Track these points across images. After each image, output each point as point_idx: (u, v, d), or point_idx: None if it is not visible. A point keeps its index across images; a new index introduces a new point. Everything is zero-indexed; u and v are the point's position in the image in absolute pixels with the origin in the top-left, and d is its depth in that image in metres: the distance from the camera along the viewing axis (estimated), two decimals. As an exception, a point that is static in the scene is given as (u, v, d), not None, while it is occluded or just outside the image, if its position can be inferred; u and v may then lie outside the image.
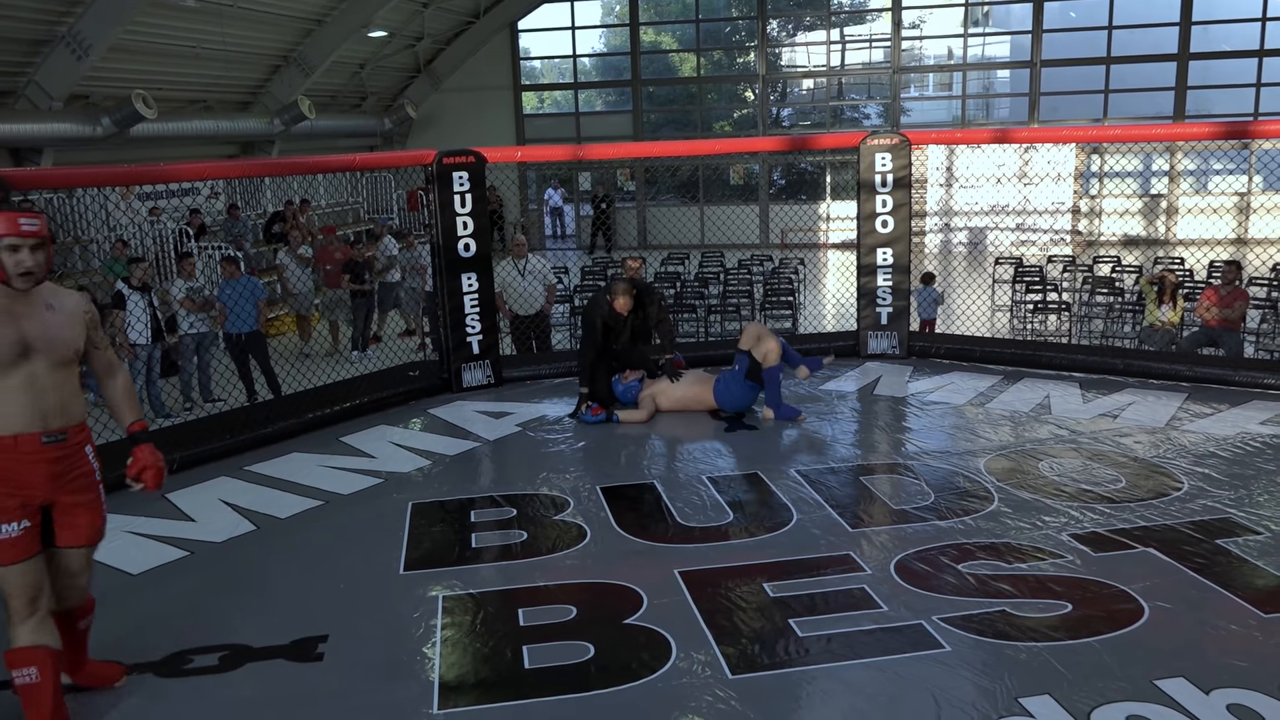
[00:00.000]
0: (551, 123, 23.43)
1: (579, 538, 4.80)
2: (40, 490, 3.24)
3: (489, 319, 7.66)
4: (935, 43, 22.43)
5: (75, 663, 3.60)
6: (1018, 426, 6.36)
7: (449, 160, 7.37)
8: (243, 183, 16.79)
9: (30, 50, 12.76)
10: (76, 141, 13.66)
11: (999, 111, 23.35)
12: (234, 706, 3.49)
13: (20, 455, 3.18)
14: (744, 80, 23.19)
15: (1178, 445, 5.86)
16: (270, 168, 9.99)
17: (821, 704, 3.37)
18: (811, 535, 4.72)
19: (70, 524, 3.35)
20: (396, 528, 5.00)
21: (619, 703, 3.40)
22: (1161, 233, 20.36)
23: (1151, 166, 20.86)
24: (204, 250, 13.48)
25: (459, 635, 3.90)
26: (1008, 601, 3.98)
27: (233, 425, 6.56)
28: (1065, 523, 4.75)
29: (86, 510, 3.38)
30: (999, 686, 3.38)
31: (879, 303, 8.10)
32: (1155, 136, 16.89)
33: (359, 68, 20.03)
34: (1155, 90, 20.33)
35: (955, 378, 7.55)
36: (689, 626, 3.87)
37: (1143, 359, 7.78)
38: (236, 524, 5.13)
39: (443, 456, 6.15)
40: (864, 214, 8.05)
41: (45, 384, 3.21)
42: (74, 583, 3.46)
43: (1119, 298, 11.21)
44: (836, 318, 12.98)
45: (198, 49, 14.99)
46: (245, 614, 4.16)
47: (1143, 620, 3.81)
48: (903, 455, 5.92)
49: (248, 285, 9.53)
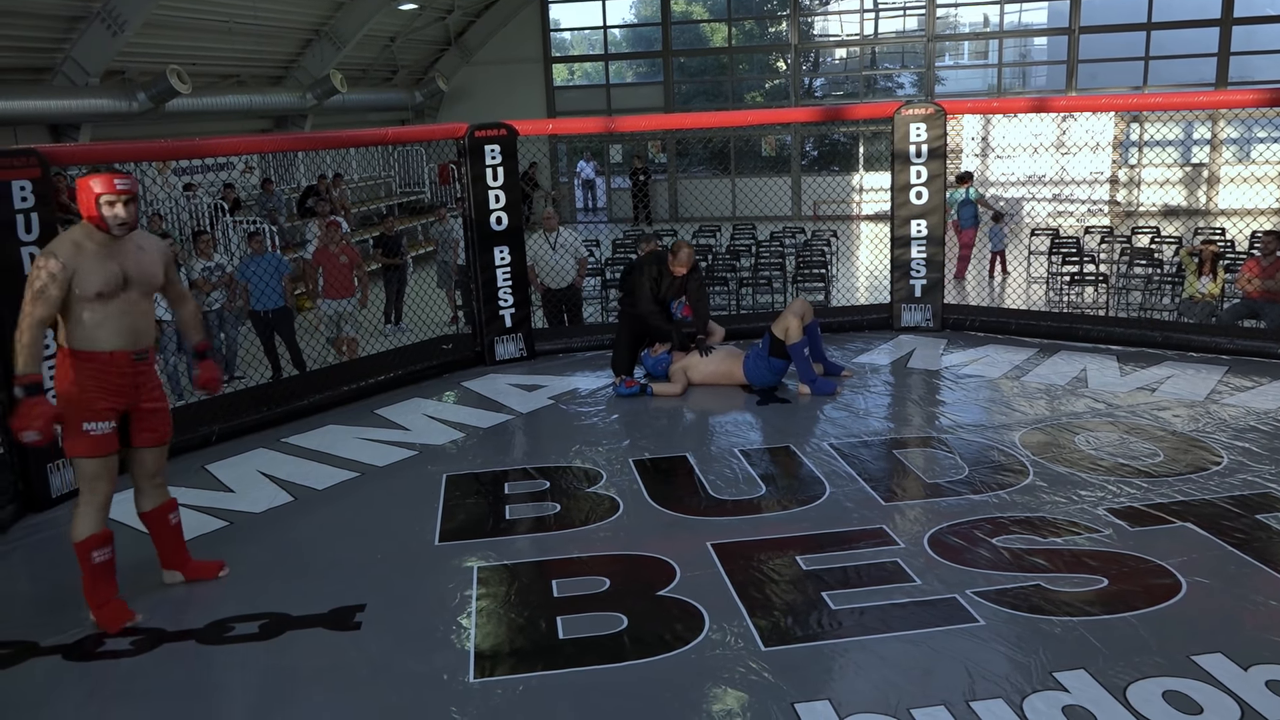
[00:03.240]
0: (582, 95, 23.33)
1: (612, 510, 4.83)
2: (125, 398, 3.93)
3: (521, 292, 7.68)
4: (971, 10, 22.04)
5: (179, 559, 4.26)
6: (1053, 400, 6.30)
7: (481, 133, 7.37)
8: (276, 157, 16.87)
9: (67, 27, 12.87)
10: (113, 117, 13.78)
11: (1036, 80, 22.94)
12: (274, 674, 3.56)
13: (115, 368, 3.88)
14: (776, 50, 22.94)
15: (1217, 419, 5.78)
16: (303, 142, 10.06)
17: (854, 676, 3.38)
18: (844, 508, 4.72)
19: (148, 426, 4.04)
20: (431, 499, 5.06)
21: (652, 674, 3.43)
22: (1202, 203, 19.98)
23: (1193, 135, 20.44)
24: (238, 225, 13.61)
25: (494, 605, 3.94)
26: (1042, 576, 3.96)
27: (269, 398, 6.64)
28: (1101, 497, 4.71)
29: (161, 415, 4.10)
30: (1033, 660, 3.37)
31: (913, 275, 8.03)
32: (1197, 105, 16.54)
33: (390, 41, 20.02)
34: (1197, 56, 19.87)
35: (990, 351, 7.48)
36: (721, 598, 3.89)
37: (1182, 331, 7.66)
38: (275, 495, 5.21)
39: (476, 429, 6.20)
40: (897, 185, 7.96)
41: (136, 311, 3.93)
42: (154, 481, 4.15)
43: (1158, 269, 11.03)
44: (870, 290, 12.87)
45: (230, 24, 15.05)
46: (284, 583, 4.23)
47: (1180, 595, 3.78)
48: (936, 429, 5.89)
49: (273, 261, 9.54)
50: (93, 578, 3.88)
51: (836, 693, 3.26)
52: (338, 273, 9.74)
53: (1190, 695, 3.15)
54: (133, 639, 3.80)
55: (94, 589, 3.88)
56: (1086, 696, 3.16)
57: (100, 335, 3.84)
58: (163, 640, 3.79)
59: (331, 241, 9.87)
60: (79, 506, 3.89)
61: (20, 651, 3.74)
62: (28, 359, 3.73)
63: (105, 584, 3.91)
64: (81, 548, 3.85)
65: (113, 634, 3.84)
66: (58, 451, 5.07)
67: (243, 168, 16.47)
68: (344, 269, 9.74)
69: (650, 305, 6.83)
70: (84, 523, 3.86)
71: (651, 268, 6.83)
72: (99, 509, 3.89)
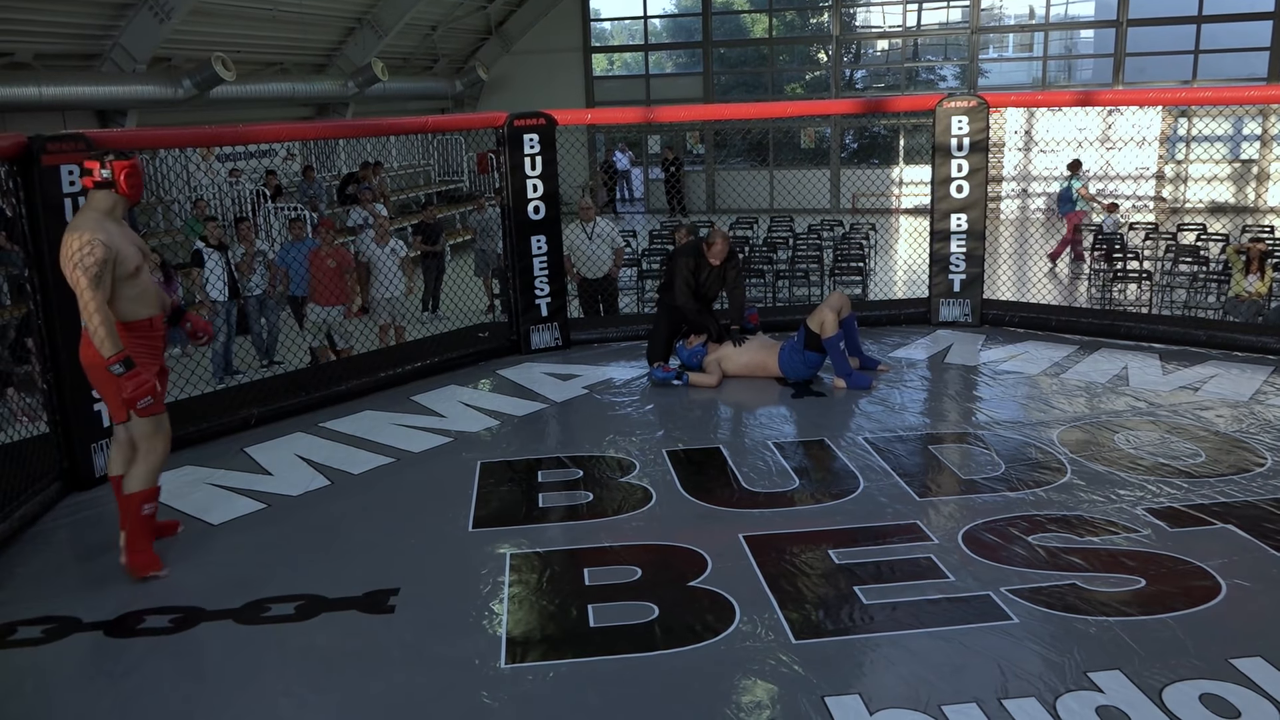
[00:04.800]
0: (621, 85, 23.31)
1: (644, 500, 4.84)
2: (159, 359, 4.34)
3: (558, 282, 7.71)
4: (1016, 1, 21.75)
5: None
6: (1093, 398, 6.22)
7: (520, 122, 7.39)
8: (317, 144, 17.04)
9: (115, 14, 13.07)
10: (159, 103, 13.98)
11: (1081, 73, 22.59)
12: (309, 654, 3.61)
13: (155, 332, 4.25)
14: (817, 41, 22.78)
15: (1262, 420, 5.67)
16: (344, 129, 10.15)
17: (885, 671, 3.36)
18: (878, 503, 4.69)
19: (163, 385, 4.36)
20: (465, 486, 5.09)
21: (683, 663, 3.43)
22: (1251, 200, 19.59)
23: (1243, 130, 20.03)
24: (280, 211, 13.76)
25: (526, 592, 3.97)
26: (1078, 575, 3.91)
27: (307, 383, 6.72)
28: (1140, 497, 4.65)
29: (167, 374, 4.51)
30: (1067, 660, 3.34)
31: (952, 269, 7.95)
32: (1248, 99, 16.10)
33: (431, 30, 20.12)
34: (1248, 50, 19.45)
35: (1029, 347, 7.40)
36: (753, 590, 3.88)
37: (1227, 330, 7.52)
38: (311, 478, 5.27)
39: (511, 417, 6.23)
40: (938, 179, 7.88)
41: (150, 278, 4.25)
42: None
43: (1204, 267, 10.84)
44: (907, 284, 12.77)
45: (275, 12, 15.20)
46: (320, 565, 4.28)
47: (1220, 598, 3.73)
48: (973, 425, 5.83)
49: (312, 246, 9.62)
50: (139, 527, 4.17)
51: (867, 687, 3.25)
52: (326, 277, 9.15)
53: (1228, 699, 3.10)
54: (172, 617, 3.87)
55: (136, 538, 4.17)
56: (1121, 698, 3.13)
57: (141, 306, 4.15)
58: (201, 619, 3.85)
59: (323, 244, 9.30)
60: (137, 464, 4.18)
61: (63, 627, 3.82)
62: (113, 338, 3.98)
63: (146, 535, 4.21)
64: (133, 499, 4.15)
65: (138, 579, 4.14)
66: (102, 431, 5.17)
67: (284, 155, 16.65)
68: (333, 274, 9.19)
69: (687, 298, 6.82)
70: (140, 479, 4.16)
71: (689, 259, 6.82)
72: (154, 467, 4.21)
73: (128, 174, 4.10)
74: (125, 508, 4.20)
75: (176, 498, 4.84)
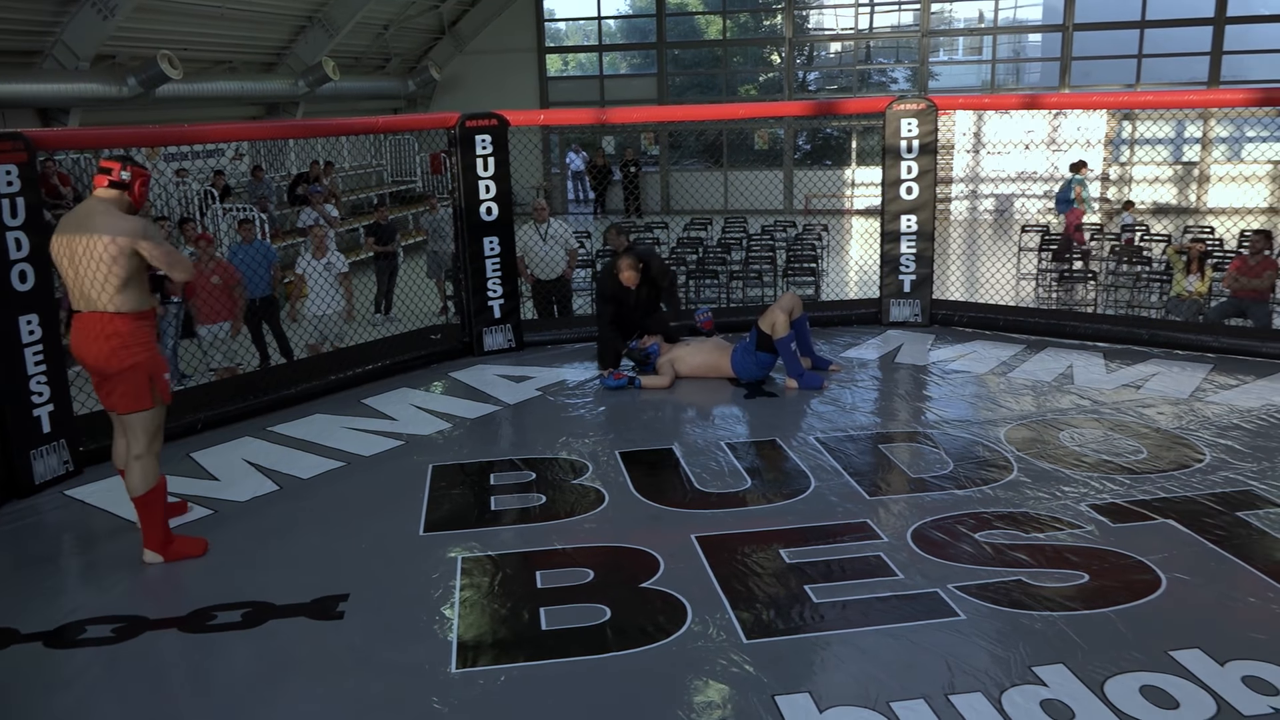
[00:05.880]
0: (575, 85, 23.26)
1: (597, 502, 4.84)
2: None
3: (510, 283, 7.68)
4: (965, 5, 22.05)
5: None
6: (1039, 396, 6.32)
7: (472, 123, 7.35)
8: (267, 144, 16.81)
9: (57, 10, 12.78)
10: (103, 102, 13.70)
11: (1029, 76, 22.97)
12: (256, 662, 3.56)
13: (153, 321, 4.42)
14: (770, 43, 22.92)
15: (1201, 417, 5.81)
16: (294, 130, 9.99)
17: (835, 669, 3.39)
18: (829, 502, 4.73)
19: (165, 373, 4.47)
20: (417, 489, 5.06)
21: (634, 665, 3.44)
22: (1193, 201, 20.04)
23: (1184, 133, 20.49)
24: (228, 212, 13.55)
25: (477, 596, 3.95)
26: (1024, 571, 3.98)
27: (256, 387, 6.63)
28: (1084, 493, 4.74)
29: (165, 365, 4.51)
30: (1013, 655, 3.39)
31: (902, 270, 8.04)
32: (1189, 103, 16.49)
33: (383, 29, 19.94)
34: (1190, 55, 19.91)
35: (978, 346, 7.50)
36: (705, 591, 3.90)
37: (1169, 329, 7.69)
38: (260, 484, 5.20)
39: (463, 419, 6.19)
40: (888, 180, 7.97)
41: None
42: None
43: (1146, 267, 11.07)
44: (860, 285, 12.90)
45: (222, 9, 14.96)
46: (268, 572, 4.23)
47: (1160, 591, 3.81)
48: (922, 424, 5.90)
49: (262, 249, 9.47)
50: (160, 521, 4.31)
51: (817, 686, 3.28)
52: (209, 295, 8.44)
53: (1167, 690, 3.17)
54: (114, 626, 3.80)
55: (160, 532, 4.30)
56: (1065, 691, 3.18)
57: (148, 297, 4.36)
58: (145, 628, 3.78)
59: (204, 259, 8.53)
60: (143, 459, 4.25)
61: (0, 638, 3.73)
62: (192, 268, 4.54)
63: (166, 525, 4.36)
64: (151, 496, 4.27)
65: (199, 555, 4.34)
66: (40, 437, 5.06)
67: (233, 155, 16.41)
68: (216, 291, 8.52)
69: (605, 327, 7.00)
70: (150, 474, 4.27)
71: (614, 281, 6.93)
72: (157, 459, 4.34)
73: (143, 182, 4.34)
74: (141, 510, 4.29)
75: (119, 504, 4.74)
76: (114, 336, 4.18)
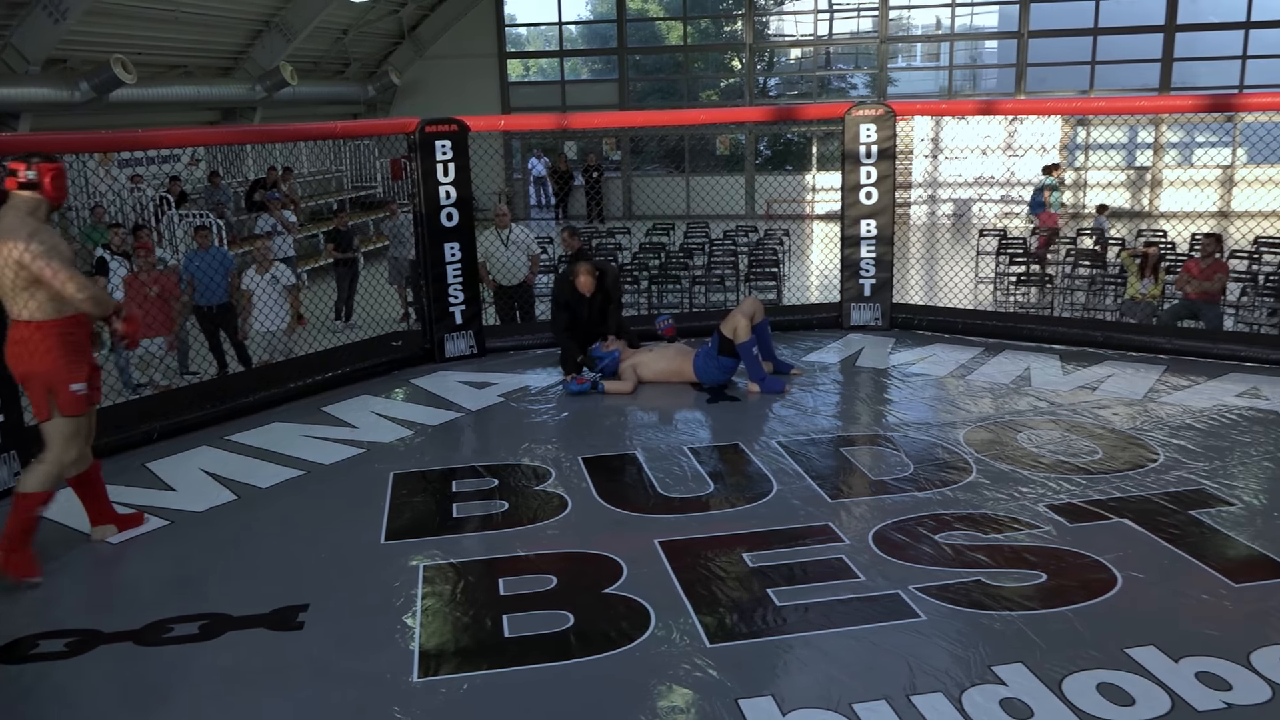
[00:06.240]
0: (537, 91, 23.24)
1: (560, 508, 4.82)
2: (90, 358, 4.32)
3: (472, 289, 7.64)
4: (923, 12, 22.31)
5: (110, 513, 4.59)
6: (998, 398, 6.40)
7: (431, 129, 7.31)
8: (223, 150, 16.61)
9: (6, 13, 12.54)
10: (55, 106, 13.46)
11: (986, 83, 23.27)
12: (214, 675, 3.50)
13: (84, 330, 4.26)
14: (731, 49, 23.03)
15: (1155, 417, 5.91)
16: (251, 135, 9.90)
17: (798, 672, 3.40)
18: (791, 506, 4.76)
19: (94, 384, 4.36)
20: (378, 498, 5.01)
21: (598, 671, 3.43)
22: (1145, 205, 20.40)
23: (1137, 139, 20.87)
24: (184, 218, 13.37)
25: (439, 604, 3.92)
26: (983, 571, 4.02)
27: (214, 395, 6.54)
28: (1042, 494, 4.80)
29: (99, 373, 4.45)
30: (973, 655, 3.42)
31: (862, 274, 8.11)
32: (1141, 109, 16.86)
33: (342, 33, 19.79)
34: (1142, 62, 20.28)
35: (937, 350, 7.58)
36: (668, 596, 3.90)
37: (1123, 331, 7.83)
38: (217, 493, 5.12)
39: (425, 426, 6.15)
40: (848, 185, 8.03)
41: None
42: (89, 441, 4.43)
43: (1101, 270, 11.24)
44: (821, 289, 12.98)
45: (177, 13, 14.77)
46: (226, 583, 4.17)
47: (1116, 590, 3.87)
48: (883, 427, 5.95)
49: (218, 256, 9.34)
50: (25, 529, 4.15)
51: (780, 688, 3.29)
52: (147, 308, 8.06)
53: (1123, 687, 3.22)
54: (67, 640, 3.72)
55: (20, 538, 4.14)
56: (1023, 689, 3.22)
57: (62, 304, 4.14)
58: (98, 642, 3.71)
59: (142, 269, 8.34)
60: (43, 464, 4.19)
61: (-50, 654, 3.65)
62: (106, 297, 4.26)
63: (29, 537, 4.19)
64: (29, 500, 4.15)
65: (18, 580, 4.11)
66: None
67: (189, 160, 16.19)
68: (154, 303, 8.24)
69: (560, 333, 7.01)
70: (41, 479, 4.17)
71: (569, 287, 6.93)
72: (61, 470, 4.25)
73: (53, 176, 4.12)
74: (18, 506, 4.15)
75: (74, 516, 4.65)
76: (16, 344, 4.15)
